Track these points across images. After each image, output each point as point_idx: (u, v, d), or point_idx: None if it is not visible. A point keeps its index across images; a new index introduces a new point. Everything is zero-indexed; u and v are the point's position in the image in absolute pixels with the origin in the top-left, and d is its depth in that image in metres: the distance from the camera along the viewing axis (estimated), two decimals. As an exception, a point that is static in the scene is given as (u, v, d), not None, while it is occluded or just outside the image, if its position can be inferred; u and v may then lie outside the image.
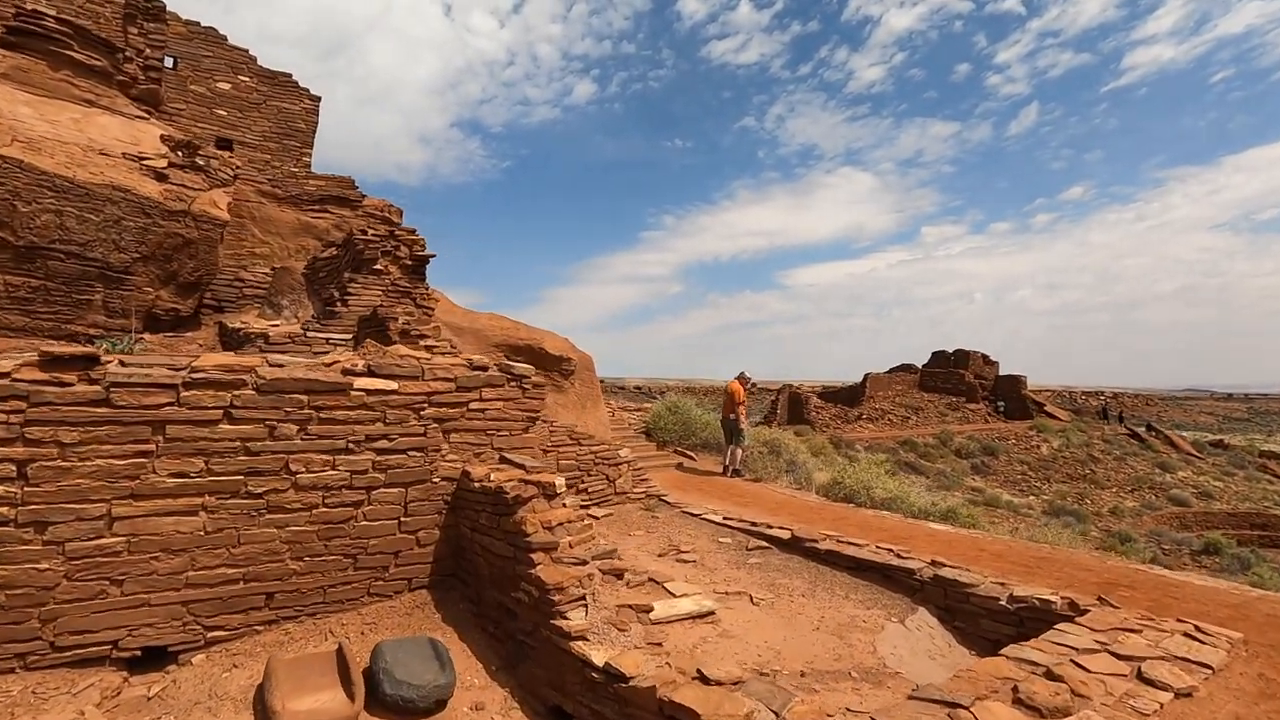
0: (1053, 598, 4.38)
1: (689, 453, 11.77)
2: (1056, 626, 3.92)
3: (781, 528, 6.70)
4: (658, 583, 5.14)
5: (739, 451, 10.42)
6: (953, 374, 42.50)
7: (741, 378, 10.70)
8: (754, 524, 7.00)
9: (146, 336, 7.25)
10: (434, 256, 8.89)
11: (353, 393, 4.53)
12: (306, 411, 4.34)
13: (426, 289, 8.82)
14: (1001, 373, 45.19)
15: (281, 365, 4.37)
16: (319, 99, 12.17)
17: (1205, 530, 25.25)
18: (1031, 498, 28.34)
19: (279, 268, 9.72)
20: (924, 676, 3.89)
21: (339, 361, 4.72)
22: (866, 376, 40.80)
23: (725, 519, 7.33)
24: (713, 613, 4.76)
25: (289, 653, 4.00)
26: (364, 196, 11.74)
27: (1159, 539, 21.89)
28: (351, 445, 4.52)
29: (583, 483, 7.68)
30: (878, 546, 5.85)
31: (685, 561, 6.11)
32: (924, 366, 45.19)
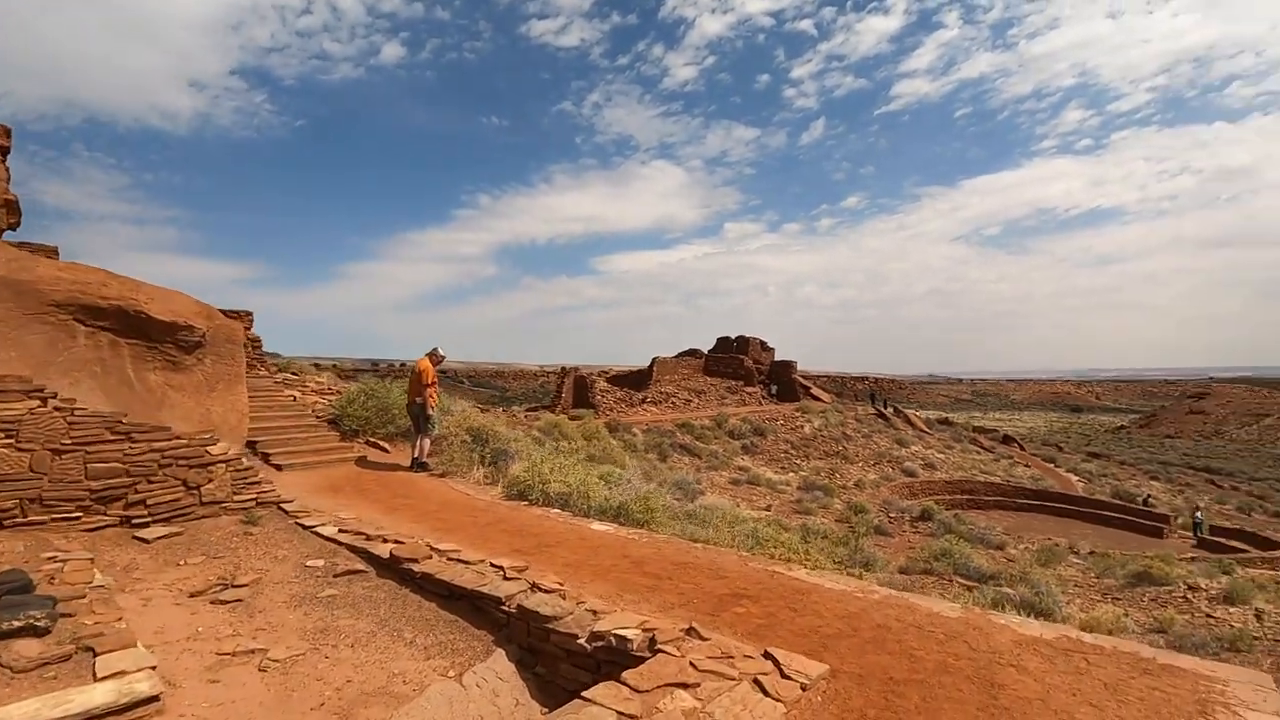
0: (632, 634, 3.30)
1: (383, 443, 9.90)
2: (599, 687, 2.79)
3: (397, 542, 5.18)
4: (93, 652, 3.31)
5: (426, 441, 8.78)
6: (734, 359, 44.66)
7: (433, 355, 9.06)
8: (369, 537, 5.42)
9: None
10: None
11: None
12: None
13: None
14: (777, 359, 48.54)
15: None
16: None
17: (926, 497, 28.65)
18: (791, 474, 30.26)
19: None
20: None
21: None
22: (654, 360, 41.38)
23: (341, 531, 5.66)
24: (154, 699, 3.07)
25: None
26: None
27: (888, 508, 24.09)
28: None
29: (136, 493, 5.54)
30: (491, 564, 4.54)
31: (224, 602, 4.34)
32: (709, 352, 47.07)
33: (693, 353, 46.34)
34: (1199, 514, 27.26)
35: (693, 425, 32.59)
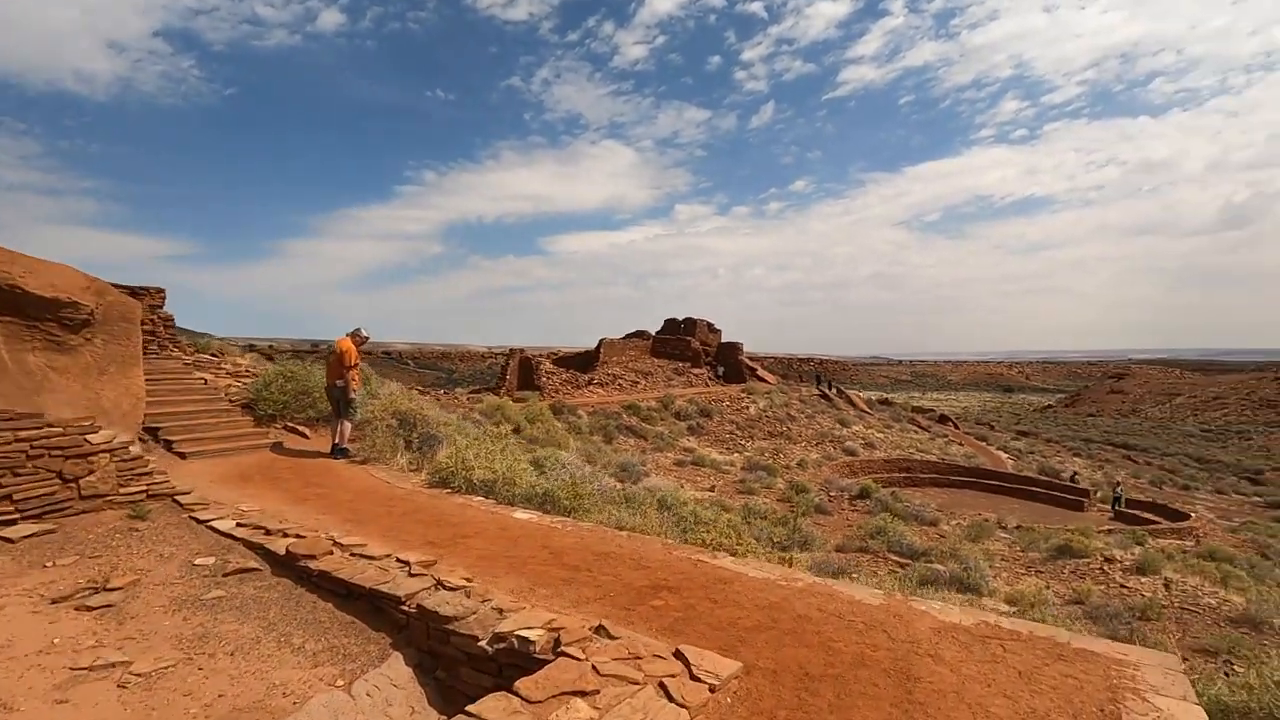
0: (536, 635, 3.06)
1: (303, 429, 9.36)
2: (488, 699, 2.55)
3: (298, 536, 4.80)
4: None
5: (348, 426, 8.31)
6: (681, 341, 44.73)
7: (355, 335, 8.55)
8: (269, 531, 5.01)
9: None
10: None
11: None
12: None
13: None
14: (724, 340, 48.87)
15: None
16: None
17: (866, 476, 29.38)
18: (736, 455, 30.56)
19: None
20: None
21: None
22: (601, 342, 41.05)
23: (240, 525, 5.23)
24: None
25: None
26: None
27: (829, 487, 24.55)
28: None
29: (0, 488, 4.97)
30: (398, 559, 4.23)
31: (90, 608, 3.91)
32: (657, 333, 47.01)
33: (640, 334, 46.20)
34: (1119, 488, 28.80)
35: (639, 407, 32.50)
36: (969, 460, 35.80)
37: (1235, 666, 8.41)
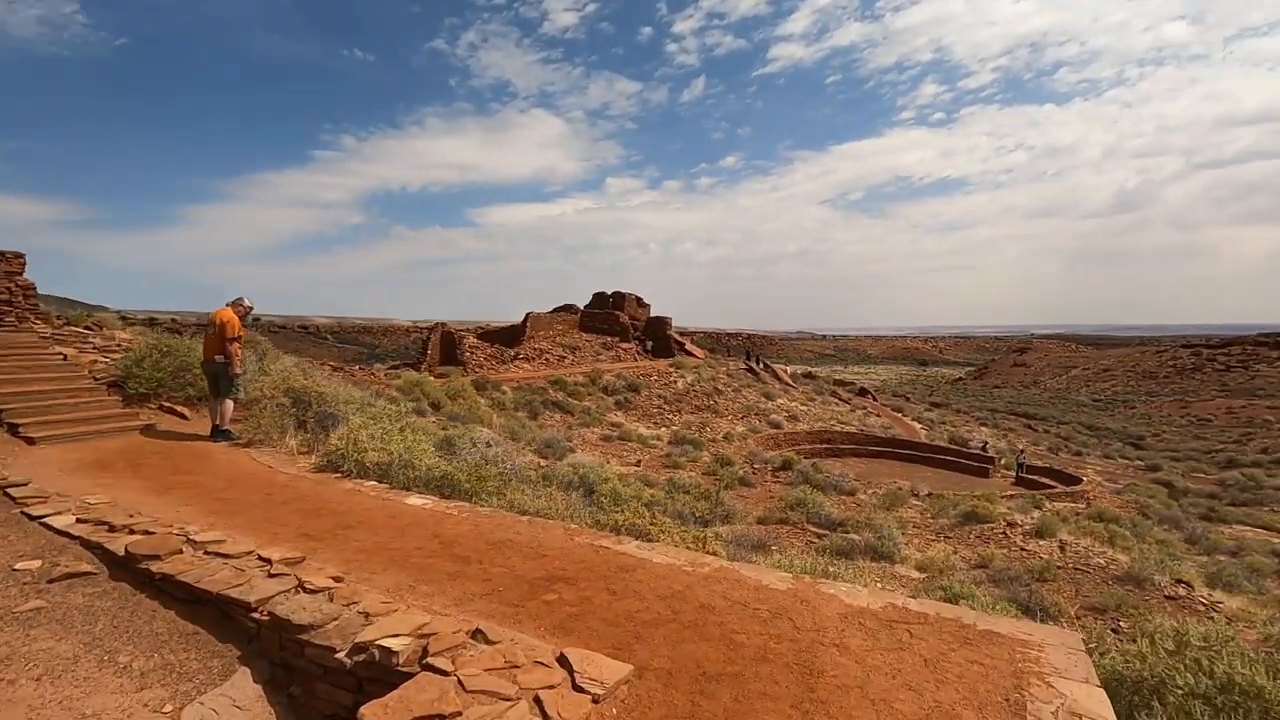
0: (400, 644, 2.67)
1: (181, 409, 8.48)
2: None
3: (146, 533, 4.20)
4: None
5: (229, 405, 7.55)
6: (610, 315, 44.32)
7: (237, 305, 7.75)
8: (114, 528, 4.37)
9: None
10: None
11: None
12: None
13: None
14: (654, 315, 48.78)
15: None
16: None
17: (789, 448, 30.08)
18: (663, 429, 30.64)
19: None
20: None
21: None
22: (528, 316, 40.16)
23: (80, 521, 4.55)
24: None
25: None
26: None
27: (753, 459, 24.92)
28: None
29: None
30: (260, 556, 3.73)
31: None
32: (585, 308, 46.41)
33: (568, 308, 45.50)
34: (1021, 455, 30.63)
35: (566, 382, 32.03)
36: (886, 431, 37.28)
37: (1122, 623, 8.93)
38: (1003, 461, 30.76)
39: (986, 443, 36.12)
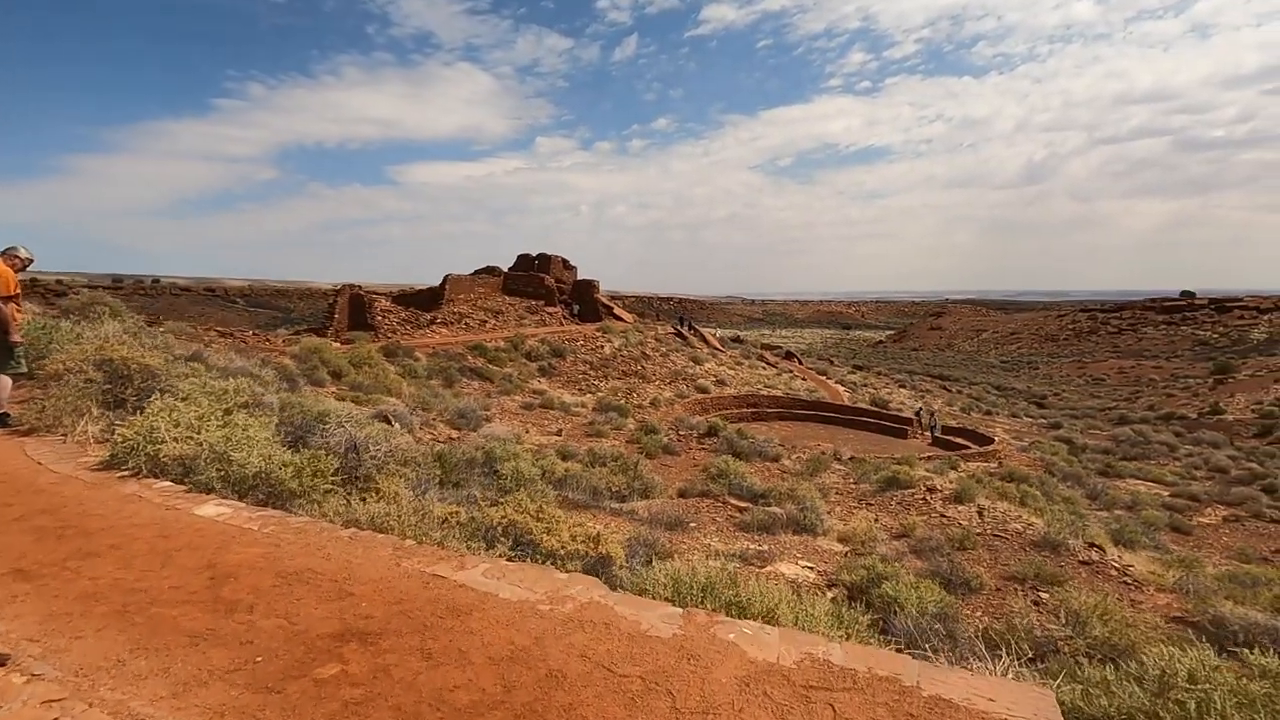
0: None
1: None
2: None
3: None
4: None
5: (7, 382, 6.02)
6: (534, 278, 42.64)
7: (10, 256, 6.15)
8: None
9: None
10: None
11: None
12: None
13: None
14: (582, 278, 47.36)
15: None
16: None
17: (716, 412, 29.75)
18: (588, 396, 29.69)
19: None
20: None
21: None
22: (447, 278, 38.05)
23: None
24: None
25: None
26: None
27: (679, 426, 24.31)
28: None
29: None
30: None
31: None
32: (509, 270, 44.51)
33: (491, 270, 43.49)
34: (934, 416, 31.41)
35: (486, 347, 30.49)
36: (811, 394, 37.61)
37: (1042, 594, 8.71)
38: (925, 421, 31.45)
39: (920, 408, 35.68)
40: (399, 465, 7.41)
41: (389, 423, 14.21)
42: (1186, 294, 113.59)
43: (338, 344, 25.58)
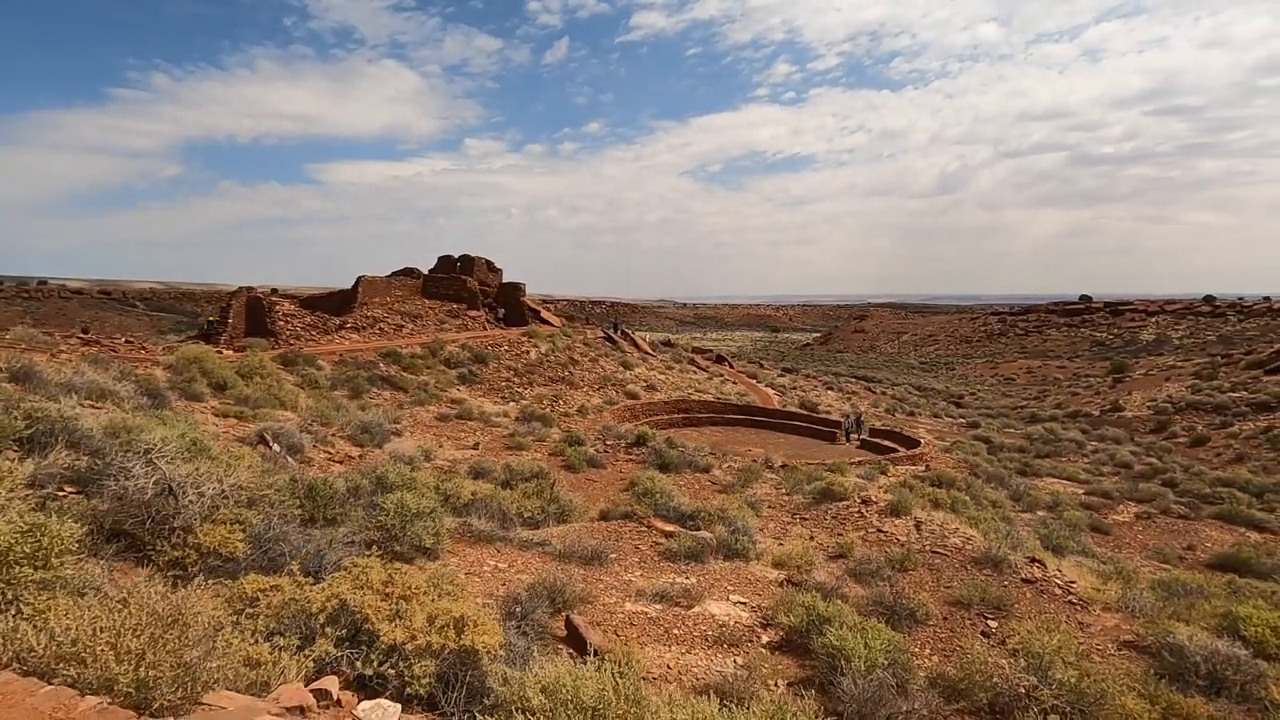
0: None
1: None
2: None
3: None
4: None
5: None
6: (456, 280, 40.57)
7: None
8: None
9: None
10: None
11: None
12: None
13: None
14: (509, 280, 45.49)
15: None
16: None
17: (646, 419, 28.75)
18: (511, 405, 28.08)
19: None
20: None
21: None
22: (359, 280, 35.56)
23: None
24: None
25: None
26: None
27: (606, 435, 23.13)
28: None
29: None
30: None
31: None
32: (430, 272, 42.25)
33: (409, 272, 41.09)
34: (860, 419, 31.47)
35: (400, 354, 28.43)
36: (742, 399, 37.20)
37: (990, 622, 8.01)
38: (850, 423, 31.43)
39: (858, 415, 35.36)
40: (239, 508, 5.95)
41: (267, 445, 12.38)
42: (1085, 298, 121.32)
43: (230, 352, 23.08)
